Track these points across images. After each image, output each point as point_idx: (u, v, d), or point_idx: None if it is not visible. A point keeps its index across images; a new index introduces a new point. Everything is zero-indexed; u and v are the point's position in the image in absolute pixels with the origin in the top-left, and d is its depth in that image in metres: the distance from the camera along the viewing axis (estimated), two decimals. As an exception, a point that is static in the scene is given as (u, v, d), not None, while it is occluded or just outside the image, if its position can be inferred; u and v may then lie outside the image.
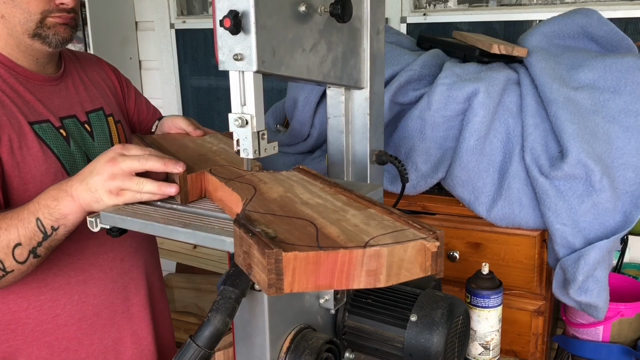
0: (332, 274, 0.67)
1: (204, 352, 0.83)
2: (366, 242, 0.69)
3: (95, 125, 1.32)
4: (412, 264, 0.69)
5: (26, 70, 1.21)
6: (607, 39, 1.62)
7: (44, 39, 1.17)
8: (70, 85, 1.31)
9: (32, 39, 1.16)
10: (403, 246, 0.68)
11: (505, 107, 1.54)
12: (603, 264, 1.38)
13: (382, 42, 1.14)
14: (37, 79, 1.22)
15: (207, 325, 0.84)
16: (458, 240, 1.59)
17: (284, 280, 0.66)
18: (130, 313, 1.38)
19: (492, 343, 1.27)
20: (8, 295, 1.20)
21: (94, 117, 1.33)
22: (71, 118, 1.27)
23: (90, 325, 1.30)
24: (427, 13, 2.32)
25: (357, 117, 1.15)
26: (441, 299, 1.00)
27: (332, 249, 0.66)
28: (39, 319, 1.24)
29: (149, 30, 2.95)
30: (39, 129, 1.18)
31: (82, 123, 1.29)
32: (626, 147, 1.43)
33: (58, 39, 1.18)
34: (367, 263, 0.67)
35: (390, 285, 0.68)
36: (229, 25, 0.82)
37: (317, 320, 1.01)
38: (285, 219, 0.77)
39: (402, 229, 0.73)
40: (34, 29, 1.15)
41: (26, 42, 1.17)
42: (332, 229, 0.73)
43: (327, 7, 0.96)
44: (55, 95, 1.25)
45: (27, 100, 1.19)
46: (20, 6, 1.13)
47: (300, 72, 0.97)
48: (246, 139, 0.91)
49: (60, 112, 1.24)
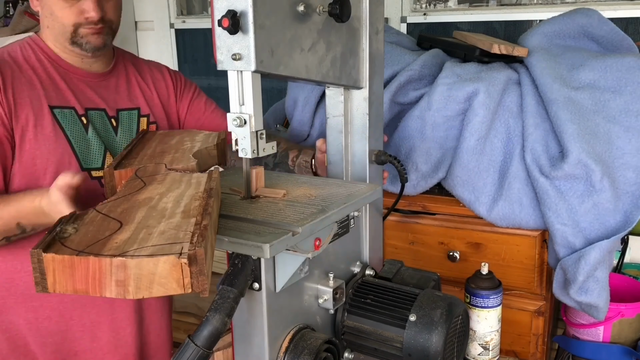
0: (86, 279, 0.68)
1: (203, 351, 0.83)
2: (125, 251, 0.68)
3: (122, 122, 1.42)
4: (165, 278, 0.67)
5: (70, 65, 1.36)
6: (608, 38, 1.62)
7: (80, 46, 1.33)
8: (112, 84, 1.43)
9: (72, 45, 1.33)
10: (153, 260, 0.66)
11: (506, 107, 1.53)
12: (603, 264, 1.38)
13: (381, 42, 1.14)
14: (77, 73, 1.37)
15: (205, 325, 0.84)
16: (458, 240, 1.59)
17: (47, 280, 0.69)
18: (112, 300, 1.39)
19: (492, 343, 1.27)
20: (7, 255, 1.30)
21: (124, 115, 1.43)
22: (98, 110, 1.38)
23: (71, 301, 1.35)
24: (427, 13, 2.32)
25: (356, 117, 1.15)
26: (440, 298, 1.00)
27: (85, 255, 0.67)
28: (28, 283, 1.30)
29: (148, 30, 2.95)
30: (59, 112, 1.31)
31: (110, 117, 1.40)
32: (626, 147, 1.43)
33: (90, 46, 1.33)
34: (115, 273, 0.67)
35: (141, 297, 0.68)
36: (227, 25, 0.82)
37: (316, 320, 1.01)
38: (107, 219, 0.79)
39: (176, 242, 0.71)
40: (70, 39, 1.31)
41: (68, 47, 1.34)
42: (127, 234, 0.73)
43: (325, 6, 0.96)
44: (90, 90, 1.38)
45: (58, 87, 1.33)
46: (57, 20, 1.30)
47: (299, 71, 0.97)
48: (244, 138, 0.91)
49: (89, 103, 1.36)
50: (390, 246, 1.67)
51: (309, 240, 0.88)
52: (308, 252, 0.87)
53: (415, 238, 1.65)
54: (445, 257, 1.61)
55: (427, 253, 1.64)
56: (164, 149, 1.21)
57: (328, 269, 1.02)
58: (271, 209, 0.92)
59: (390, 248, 1.67)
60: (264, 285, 0.89)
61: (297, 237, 0.83)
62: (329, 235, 0.93)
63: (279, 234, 0.82)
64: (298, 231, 0.84)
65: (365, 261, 1.16)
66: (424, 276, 1.12)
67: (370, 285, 1.07)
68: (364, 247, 1.15)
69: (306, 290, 0.98)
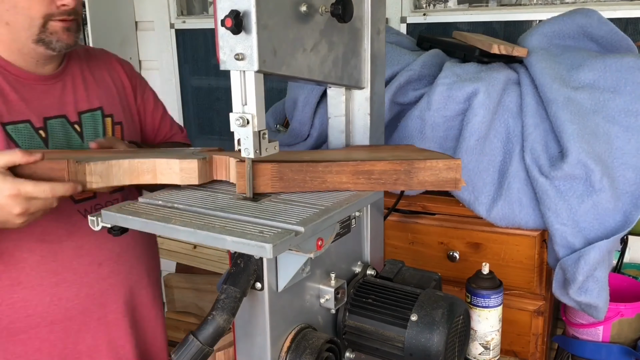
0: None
1: (208, 349, 0.84)
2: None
3: (86, 125, 1.31)
4: None
5: (20, 69, 1.21)
6: (607, 39, 1.62)
7: (48, 44, 1.18)
8: (67, 83, 1.30)
9: (36, 44, 1.18)
10: None
11: (505, 107, 1.54)
12: (603, 264, 1.38)
13: (382, 42, 1.15)
14: (29, 78, 1.23)
15: (210, 323, 0.84)
16: (458, 240, 1.59)
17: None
18: (107, 320, 1.35)
19: (492, 343, 1.27)
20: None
21: (87, 117, 1.32)
22: (59, 118, 1.26)
23: (62, 329, 1.29)
24: (427, 13, 2.32)
25: (358, 117, 1.15)
26: (441, 298, 1.00)
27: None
28: (11, 317, 1.25)
29: (149, 30, 2.95)
30: (13, 129, 1.19)
31: (72, 123, 1.29)
32: (626, 147, 1.43)
33: (62, 45, 1.19)
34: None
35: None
36: (231, 25, 0.83)
37: (318, 319, 1.02)
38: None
39: None
40: (37, 34, 1.16)
41: (30, 47, 1.18)
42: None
43: (328, 7, 0.96)
44: (46, 95, 1.25)
45: (9, 100, 1.19)
46: (23, 12, 1.14)
47: (301, 71, 0.97)
48: (247, 138, 0.91)
49: (47, 111, 1.24)
50: (390, 246, 1.67)
51: (312, 240, 0.88)
52: (310, 252, 0.87)
53: (415, 238, 1.65)
54: (445, 257, 1.61)
55: (427, 253, 1.64)
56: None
57: (329, 268, 1.02)
58: (274, 209, 0.92)
59: (390, 248, 1.67)
60: (266, 285, 0.89)
61: (299, 237, 0.84)
62: (331, 235, 0.93)
63: (282, 234, 0.82)
64: (301, 231, 0.84)
65: (367, 261, 1.16)
66: (425, 276, 1.13)
67: (372, 285, 1.08)
68: (365, 247, 1.16)
69: (308, 290, 0.98)
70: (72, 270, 1.28)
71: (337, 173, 0.98)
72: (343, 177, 0.98)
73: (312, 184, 0.98)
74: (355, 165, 0.98)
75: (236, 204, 0.96)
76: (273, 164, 0.97)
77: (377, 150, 1.11)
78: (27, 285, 1.24)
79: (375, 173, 0.98)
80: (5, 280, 1.24)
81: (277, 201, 0.96)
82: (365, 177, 0.98)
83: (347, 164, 0.98)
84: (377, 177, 0.98)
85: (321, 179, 0.98)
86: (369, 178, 0.99)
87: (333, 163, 0.98)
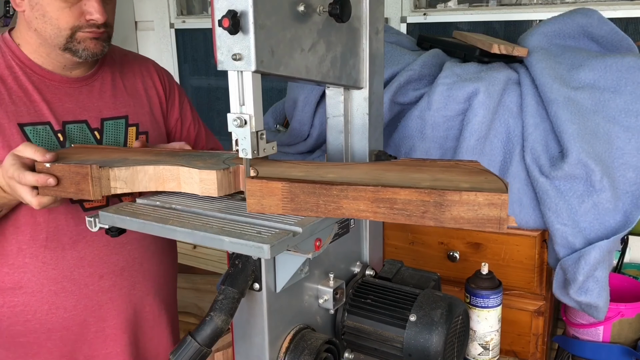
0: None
1: (206, 350, 0.84)
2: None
3: (108, 133, 1.30)
4: None
5: (46, 70, 1.22)
6: (608, 38, 1.62)
7: (75, 52, 1.19)
8: (95, 88, 1.29)
9: (63, 52, 1.19)
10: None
11: (506, 107, 1.53)
12: (603, 264, 1.38)
13: (381, 42, 1.14)
14: (54, 79, 1.23)
15: (208, 324, 0.84)
16: (458, 240, 1.59)
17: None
18: (105, 334, 1.33)
19: (492, 343, 1.27)
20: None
21: (109, 125, 1.30)
22: (79, 123, 1.25)
23: (60, 338, 1.28)
24: (427, 13, 2.32)
25: (356, 117, 1.15)
26: (440, 299, 1.00)
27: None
28: (12, 319, 1.25)
29: (148, 30, 2.95)
30: (32, 130, 1.19)
31: (92, 129, 1.27)
32: (626, 147, 1.43)
33: (88, 53, 1.20)
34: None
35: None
36: (228, 25, 0.82)
37: (316, 320, 1.01)
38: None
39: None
40: (65, 44, 1.18)
41: (57, 53, 1.19)
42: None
43: (326, 6, 0.96)
44: (70, 98, 1.25)
45: (32, 100, 1.20)
46: (51, 22, 1.15)
47: (299, 72, 0.97)
48: (245, 139, 0.91)
49: (67, 116, 1.24)
50: (390, 246, 1.67)
51: (310, 241, 0.88)
52: (308, 253, 0.87)
53: (415, 238, 1.65)
54: (445, 257, 1.61)
55: (427, 253, 1.64)
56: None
57: (328, 269, 1.02)
58: (271, 209, 0.92)
59: (390, 248, 1.67)
60: (264, 286, 0.89)
61: (297, 237, 0.84)
62: (329, 236, 0.93)
63: (280, 234, 0.82)
64: (298, 232, 0.84)
65: (365, 261, 1.16)
66: (424, 276, 1.13)
67: (371, 286, 1.08)
68: (364, 247, 1.15)
69: (306, 291, 0.98)
70: (72, 280, 1.27)
71: (353, 199, 0.83)
72: (361, 205, 0.83)
73: (326, 209, 0.85)
74: (375, 192, 0.82)
75: (234, 204, 0.96)
76: (283, 183, 0.87)
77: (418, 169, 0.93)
78: (28, 290, 1.24)
79: (398, 202, 0.81)
80: (8, 282, 1.24)
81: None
82: (387, 207, 0.82)
83: (365, 188, 0.82)
84: (400, 208, 0.81)
85: (336, 204, 0.84)
86: (391, 208, 0.82)
87: (349, 187, 0.83)
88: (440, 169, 0.93)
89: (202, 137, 1.53)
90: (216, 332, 0.85)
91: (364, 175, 0.90)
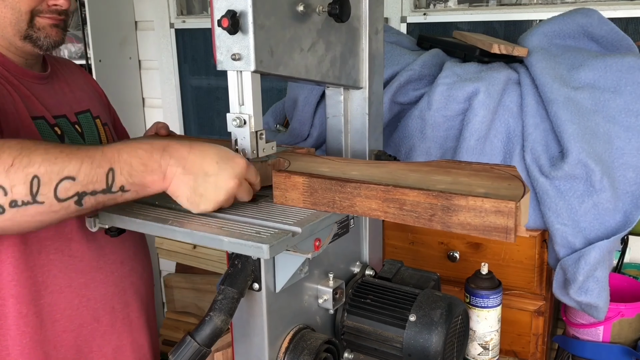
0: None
1: (205, 350, 0.84)
2: None
3: (85, 126, 1.28)
4: None
5: (19, 67, 1.18)
6: (608, 38, 1.62)
7: (35, 41, 1.14)
8: (57, 86, 1.27)
9: (24, 41, 1.14)
10: None
11: (506, 106, 1.53)
12: (603, 264, 1.38)
13: (380, 42, 1.14)
14: (27, 75, 1.19)
15: (208, 324, 0.84)
16: (458, 240, 1.59)
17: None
18: (130, 319, 1.32)
19: (492, 343, 1.26)
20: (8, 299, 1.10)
21: (82, 119, 1.28)
22: (62, 118, 1.22)
23: (90, 332, 1.23)
24: (427, 13, 2.32)
25: (356, 117, 1.15)
26: (440, 299, 1.00)
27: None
28: (37, 326, 1.15)
29: (148, 30, 2.94)
30: (37, 125, 1.14)
31: (73, 123, 1.25)
32: (626, 147, 1.43)
33: (50, 41, 1.15)
34: None
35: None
36: (227, 25, 0.82)
37: (316, 320, 1.01)
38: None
39: None
40: (25, 30, 1.12)
41: (17, 44, 1.14)
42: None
43: (325, 6, 0.96)
44: (47, 94, 1.22)
45: (25, 95, 1.15)
46: (11, 5, 1.10)
47: (299, 72, 0.97)
48: (244, 138, 0.91)
49: (53, 110, 1.20)
50: (390, 246, 1.67)
51: (309, 241, 0.88)
52: (308, 253, 0.87)
53: (415, 238, 1.65)
54: (445, 257, 1.61)
55: (426, 253, 1.64)
56: None
57: (328, 269, 1.02)
58: (271, 210, 0.92)
59: (390, 248, 1.67)
60: (263, 286, 0.89)
61: (297, 237, 0.84)
62: (328, 236, 0.93)
63: (279, 234, 0.82)
64: (298, 232, 0.84)
65: (365, 261, 1.16)
66: (423, 276, 1.13)
67: (370, 286, 1.08)
68: (363, 247, 1.15)
69: (306, 291, 0.98)
70: (99, 269, 1.24)
71: (366, 197, 0.84)
72: (372, 203, 0.84)
73: (341, 205, 0.87)
74: (385, 191, 0.83)
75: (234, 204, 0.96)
76: (304, 178, 0.89)
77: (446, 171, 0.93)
78: (54, 288, 1.17)
79: (407, 204, 0.82)
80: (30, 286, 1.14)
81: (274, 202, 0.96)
82: (396, 207, 0.83)
83: (376, 187, 0.84)
84: (409, 209, 0.82)
85: (350, 201, 0.86)
86: (401, 208, 0.82)
87: (362, 185, 0.85)
88: (468, 172, 0.92)
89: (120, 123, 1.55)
90: (216, 332, 0.85)
91: (387, 175, 0.90)
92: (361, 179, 0.87)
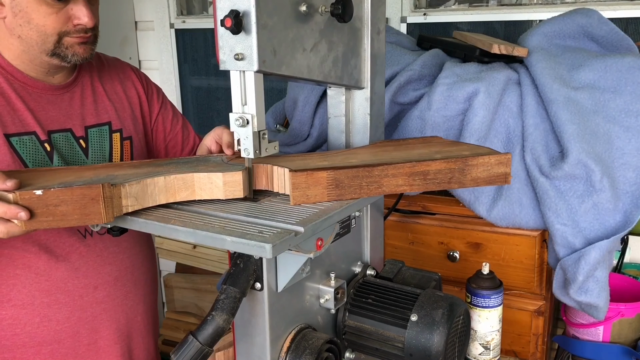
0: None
1: (207, 350, 0.84)
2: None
3: (92, 141, 1.26)
4: None
5: (28, 77, 1.18)
6: (608, 38, 1.62)
7: (63, 58, 1.16)
8: (76, 95, 1.26)
9: (51, 57, 1.15)
10: None
11: (506, 107, 1.53)
12: (603, 264, 1.38)
13: (382, 42, 1.14)
14: (37, 86, 1.20)
15: (210, 323, 0.84)
16: (458, 240, 1.59)
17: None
18: (97, 346, 1.30)
19: (493, 343, 1.27)
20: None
21: (93, 132, 1.27)
22: (64, 132, 1.22)
23: (50, 352, 1.24)
24: (427, 13, 2.32)
25: (358, 117, 1.15)
26: (441, 298, 1.00)
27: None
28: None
29: (148, 30, 2.94)
30: (18, 141, 1.14)
31: (77, 138, 1.24)
32: (626, 147, 1.43)
33: (77, 58, 1.17)
34: None
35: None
36: (230, 25, 0.82)
37: (318, 320, 1.01)
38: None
39: None
40: (52, 50, 1.14)
41: (42, 59, 1.16)
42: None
43: (327, 6, 0.96)
44: (53, 106, 1.22)
45: (15, 109, 1.16)
46: (37, 29, 1.11)
47: (301, 71, 0.97)
48: (247, 138, 0.91)
49: (52, 124, 1.20)
50: (390, 246, 1.67)
51: (311, 241, 0.88)
52: (310, 252, 0.87)
53: (415, 238, 1.65)
54: (445, 257, 1.61)
55: (427, 253, 1.64)
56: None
57: (329, 268, 1.02)
58: (273, 209, 0.92)
59: (390, 248, 1.67)
60: (265, 285, 0.89)
61: (299, 237, 0.84)
62: (331, 235, 0.93)
63: (282, 234, 0.82)
64: (300, 231, 0.84)
65: (366, 261, 1.16)
66: (425, 276, 1.13)
67: (372, 285, 1.08)
68: (365, 247, 1.16)
69: (308, 290, 0.98)
70: (66, 291, 1.23)
71: (393, 176, 0.95)
72: (399, 180, 0.96)
73: (368, 189, 0.95)
74: (412, 167, 0.96)
75: (236, 203, 0.96)
76: (328, 172, 0.93)
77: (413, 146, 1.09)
78: (17, 303, 1.20)
79: (430, 173, 0.96)
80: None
81: (277, 201, 0.96)
82: (421, 178, 0.96)
83: (402, 166, 0.95)
84: (432, 177, 0.97)
85: (377, 183, 0.95)
86: (425, 179, 0.97)
87: (389, 166, 0.95)
88: (423, 144, 1.13)
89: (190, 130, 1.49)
90: (217, 331, 0.85)
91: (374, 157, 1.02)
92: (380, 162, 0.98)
